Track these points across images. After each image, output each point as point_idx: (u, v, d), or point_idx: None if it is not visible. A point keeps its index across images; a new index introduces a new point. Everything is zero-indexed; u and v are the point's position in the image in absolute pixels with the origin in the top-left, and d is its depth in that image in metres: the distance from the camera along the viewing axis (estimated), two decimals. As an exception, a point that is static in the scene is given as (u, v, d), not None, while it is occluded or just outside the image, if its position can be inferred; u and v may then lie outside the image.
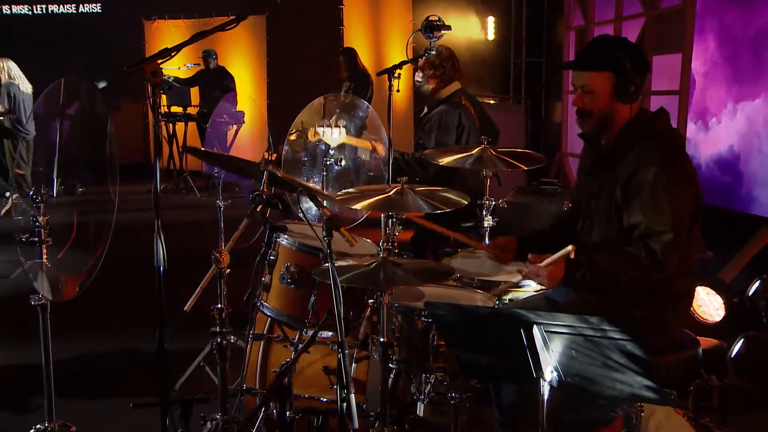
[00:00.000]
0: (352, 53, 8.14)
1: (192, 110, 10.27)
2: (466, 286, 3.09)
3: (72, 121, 8.22)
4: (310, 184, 3.20)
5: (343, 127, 4.16)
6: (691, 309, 4.26)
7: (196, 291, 2.46)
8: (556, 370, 2.12)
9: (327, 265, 2.29)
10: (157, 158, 2.31)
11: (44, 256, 2.66)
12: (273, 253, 2.88)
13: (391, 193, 3.22)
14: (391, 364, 2.72)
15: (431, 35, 3.65)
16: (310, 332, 2.71)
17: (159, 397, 2.45)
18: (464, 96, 4.46)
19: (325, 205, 2.35)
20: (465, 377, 2.60)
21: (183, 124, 10.35)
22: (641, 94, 2.62)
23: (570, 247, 2.45)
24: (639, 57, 2.58)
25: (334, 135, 4.17)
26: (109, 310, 5.18)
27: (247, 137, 10.07)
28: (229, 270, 3.50)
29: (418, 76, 4.44)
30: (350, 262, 2.73)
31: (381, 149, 4.35)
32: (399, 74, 3.81)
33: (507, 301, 3.07)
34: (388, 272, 2.51)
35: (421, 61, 4.38)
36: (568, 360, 2.10)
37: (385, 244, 2.58)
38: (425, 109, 4.52)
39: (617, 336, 2.00)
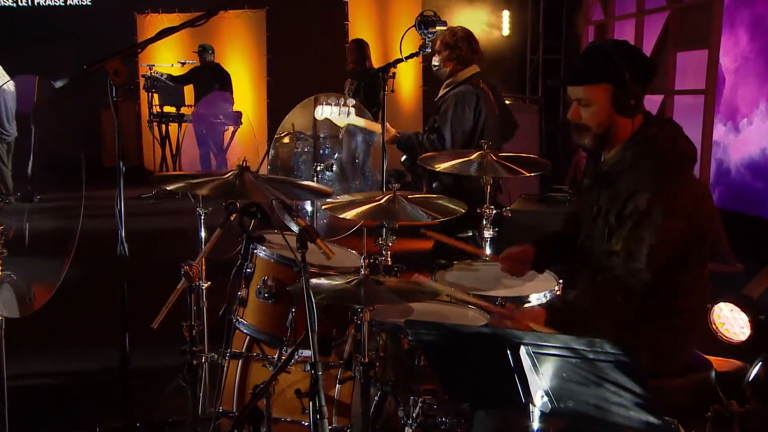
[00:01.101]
0: (362, 45, 7.98)
1: (186, 110, 10.30)
2: (459, 302, 3.06)
3: (49, 121, 8.27)
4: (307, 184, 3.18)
5: (353, 107, 4.13)
6: (713, 327, 4.22)
7: (164, 306, 2.45)
8: (547, 395, 2.10)
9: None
10: (120, 161, 2.30)
11: (-2, 269, 2.66)
12: (250, 266, 2.86)
13: (382, 201, 3.22)
14: (375, 386, 2.70)
15: (426, 31, 3.64)
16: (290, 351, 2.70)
17: (123, 422, 2.44)
18: (483, 80, 4.45)
19: (298, 214, 2.33)
20: (452, 401, 2.57)
21: (176, 124, 10.39)
22: (643, 105, 2.57)
23: None
24: (640, 65, 2.53)
25: (342, 115, 4.12)
26: (74, 326, 5.17)
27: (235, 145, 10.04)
28: (209, 283, 3.52)
29: (435, 60, 4.43)
30: (332, 276, 2.72)
31: (393, 131, 4.34)
32: (393, 73, 3.81)
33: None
34: (369, 289, 2.49)
35: (437, 44, 4.37)
36: (560, 384, 2.07)
37: (367, 260, 2.55)
38: (440, 91, 4.50)
39: (610, 358, 1.98)
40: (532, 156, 3.83)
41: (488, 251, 3.60)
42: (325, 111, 4.10)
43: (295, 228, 2.26)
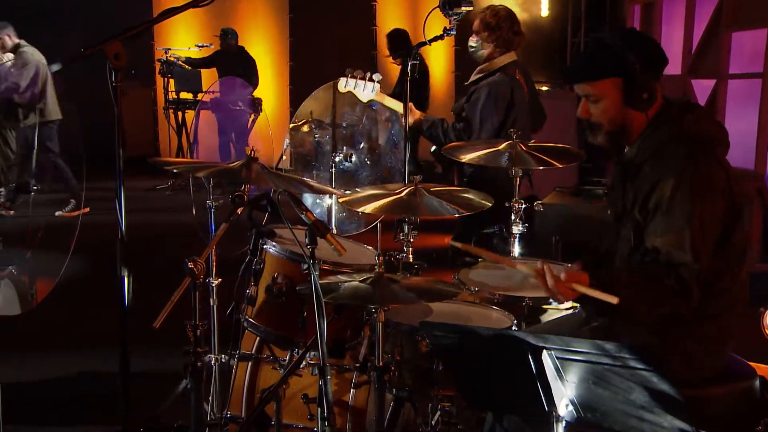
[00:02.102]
0: (398, 36, 7.81)
1: (204, 97, 10.36)
2: (483, 302, 3.05)
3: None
4: (309, 183, 3.19)
5: (378, 82, 4.12)
6: (765, 332, 4.14)
7: (167, 305, 2.46)
8: (572, 404, 2.08)
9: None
10: (120, 150, 2.32)
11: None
12: (259, 262, 2.87)
13: (403, 194, 3.21)
14: (391, 391, 2.70)
15: (450, 12, 3.61)
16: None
17: (124, 426, 2.46)
18: (520, 70, 4.40)
19: (308, 208, 2.33)
20: (471, 408, 2.56)
21: (193, 111, 10.46)
22: (656, 97, 2.51)
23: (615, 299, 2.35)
24: (649, 53, 2.48)
25: (366, 90, 4.12)
26: (74, 325, 5.16)
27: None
28: (219, 280, 3.54)
29: (473, 41, 4.38)
30: (346, 274, 2.72)
31: (417, 114, 4.31)
32: (418, 57, 3.79)
33: (531, 322, 3.03)
34: (383, 288, 2.48)
35: (475, 24, 4.33)
36: (586, 392, 2.06)
37: (381, 257, 2.55)
38: (473, 76, 4.46)
39: (639, 365, 1.96)
40: (564, 146, 3.78)
41: (516, 248, 3.58)
42: (349, 84, 4.10)
43: (284, 221, 2.26)
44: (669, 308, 2.39)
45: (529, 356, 2.04)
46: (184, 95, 10.45)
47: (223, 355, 3.03)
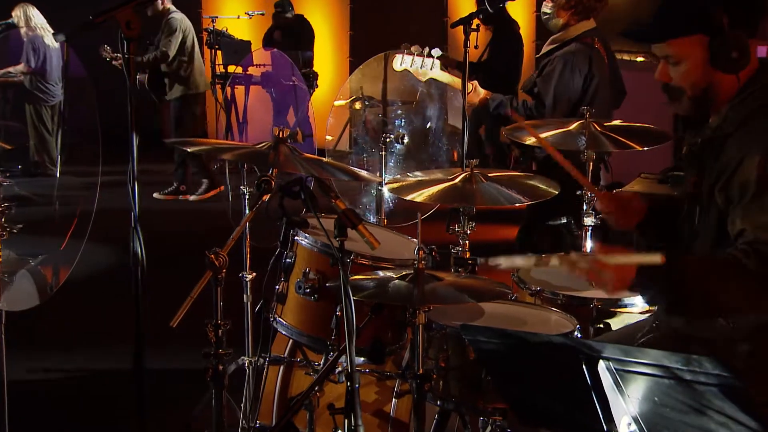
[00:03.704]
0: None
1: (254, 71, 10.44)
2: (544, 303, 3.00)
3: (79, 84, 8.58)
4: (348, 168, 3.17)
5: (438, 58, 4.08)
6: None
7: (185, 302, 2.48)
8: (636, 421, 2.04)
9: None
10: (133, 134, 2.33)
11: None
12: (290, 255, 2.88)
13: (457, 180, 3.18)
14: (435, 402, 2.68)
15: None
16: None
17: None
18: (599, 38, 4.33)
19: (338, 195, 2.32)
20: (522, 423, 2.52)
21: (243, 87, 10.55)
22: (750, 57, 2.37)
23: (659, 258, 2.29)
24: (741, 4, 2.36)
25: (425, 66, 4.09)
26: (87, 321, 5.33)
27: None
28: (253, 274, 3.56)
29: (546, 7, 4.32)
30: (387, 270, 2.71)
31: (483, 93, 4.26)
32: (477, 25, 3.74)
33: (600, 327, 2.97)
34: (423, 286, 2.46)
35: None
36: (651, 409, 2.01)
37: (422, 252, 2.52)
38: (545, 47, 4.40)
39: (713, 380, 1.90)
40: (646, 125, 3.69)
41: (588, 242, 3.51)
42: (405, 61, 4.08)
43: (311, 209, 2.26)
44: (747, 294, 2.28)
45: (584, 366, 2.00)
46: (233, 69, 10.54)
47: (245, 358, 3.04)
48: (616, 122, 3.76)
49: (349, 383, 2.21)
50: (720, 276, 2.30)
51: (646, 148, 3.55)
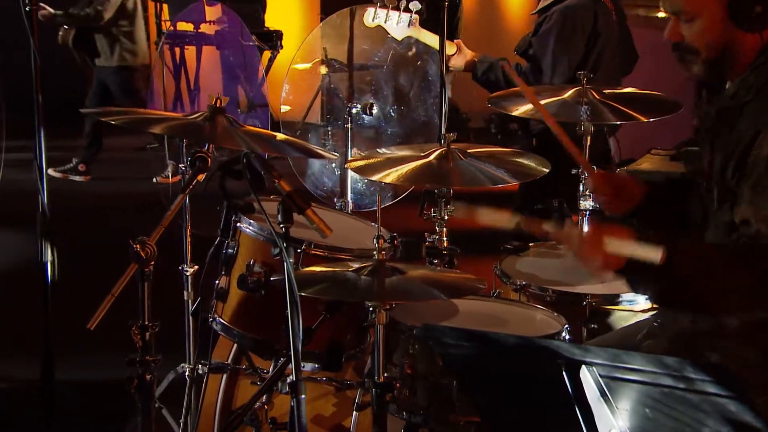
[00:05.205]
0: None
1: (207, 28, 10.37)
2: (530, 300, 3.02)
3: None
4: (298, 142, 3.17)
5: (416, 12, 4.07)
6: None
7: (105, 301, 2.47)
8: (625, 436, 2.06)
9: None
10: (38, 96, 2.32)
11: None
12: (232, 245, 2.88)
13: (431, 157, 3.17)
14: (401, 414, 2.69)
15: None
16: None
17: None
18: None
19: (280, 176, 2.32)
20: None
21: (195, 48, 10.48)
22: None
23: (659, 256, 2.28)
24: None
25: (402, 23, 4.06)
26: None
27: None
28: (195, 267, 3.56)
29: None
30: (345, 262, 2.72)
31: (470, 54, 4.26)
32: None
33: (594, 327, 3.00)
34: (384, 281, 2.46)
35: None
36: (641, 422, 2.03)
37: (381, 240, 2.53)
38: (541, 2, 4.39)
39: (713, 389, 1.93)
40: (654, 93, 3.69)
41: (585, 228, 3.52)
42: (379, 16, 4.04)
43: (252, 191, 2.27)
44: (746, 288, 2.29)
45: (563, 372, 2.02)
46: (183, 26, 10.46)
47: (184, 366, 3.05)
48: (627, 90, 3.76)
49: (293, 395, 2.21)
50: (719, 269, 2.31)
51: (652, 119, 3.57)
